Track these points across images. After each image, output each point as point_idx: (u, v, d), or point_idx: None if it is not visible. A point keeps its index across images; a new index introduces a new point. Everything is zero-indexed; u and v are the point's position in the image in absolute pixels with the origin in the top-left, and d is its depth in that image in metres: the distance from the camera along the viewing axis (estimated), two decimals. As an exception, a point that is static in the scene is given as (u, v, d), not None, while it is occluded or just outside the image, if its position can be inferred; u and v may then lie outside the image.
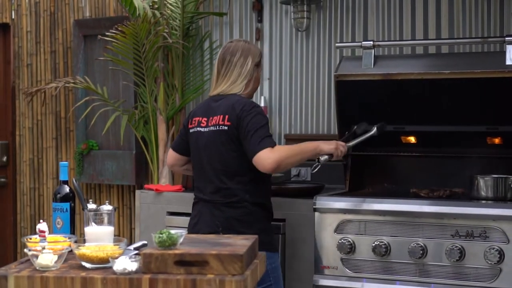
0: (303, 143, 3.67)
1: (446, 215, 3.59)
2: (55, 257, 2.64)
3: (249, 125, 3.47)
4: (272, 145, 3.45)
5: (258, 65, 3.73)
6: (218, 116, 3.59)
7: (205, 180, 3.64)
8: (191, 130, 3.72)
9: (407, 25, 4.65)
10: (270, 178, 3.68)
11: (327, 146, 3.67)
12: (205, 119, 3.65)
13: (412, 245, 3.61)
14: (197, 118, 3.70)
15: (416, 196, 3.89)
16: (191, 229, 3.63)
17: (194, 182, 3.79)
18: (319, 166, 3.71)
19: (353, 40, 4.77)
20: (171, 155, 3.90)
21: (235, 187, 3.55)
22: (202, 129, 3.65)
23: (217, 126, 3.58)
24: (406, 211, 3.66)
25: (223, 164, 3.57)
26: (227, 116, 3.55)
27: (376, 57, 4.06)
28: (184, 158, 3.84)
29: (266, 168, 3.42)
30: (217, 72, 3.71)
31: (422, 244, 3.60)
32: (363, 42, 4.09)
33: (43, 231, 2.78)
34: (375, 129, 3.97)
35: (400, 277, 3.66)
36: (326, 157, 3.64)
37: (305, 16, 4.85)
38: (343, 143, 3.78)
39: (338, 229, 3.79)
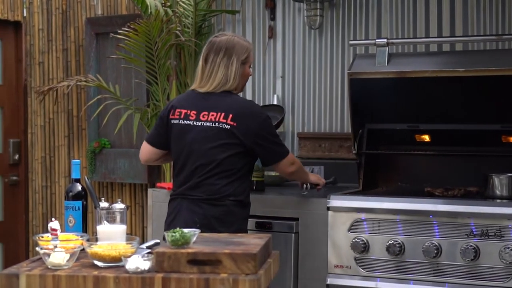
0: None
1: (461, 214, 3.55)
2: (67, 256, 2.62)
3: (269, 136, 3.58)
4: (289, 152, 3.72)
5: (244, 62, 3.61)
6: (218, 113, 3.50)
7: (186, 175, 3.55)
8: (173, 121, 3.59)
9: (421, 23, 4.62)
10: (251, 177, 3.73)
11: (313, 177, 4.02)
12: (195, 112, 3.55)
13: (426, 244, 3.58)
14: (182, 110, 3.58)
15: (430, 195, 3.86)
16: (167, 227, 3.53)
17: (174, 176, 3.66)
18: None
19: (366, 38, 4.74)
20: (146, 149, 3.72)
21: (219, 184, 3.49)
22: (191, 122, 3.54)
23: (216, 123, 3.49)
24: (420, 210, 3.63)
25: (211, 160, 3.49)
26: (230, 115, 3.48)
27: (390, 55, 4.03)
28: (159, 152, 3.70)
29: (289, 171, 3.72)
30: (201, 69, 3.60)
31: (437, 243, 3.57)
32: (377, 40, 4.06)
33: (55, 230, 2.77)
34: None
35: (414, 276, 3.64)
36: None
37: (318, 13, 4.83)
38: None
39: (352, 228, 3.76)
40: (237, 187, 3.51)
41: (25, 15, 5.89)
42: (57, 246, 2.67)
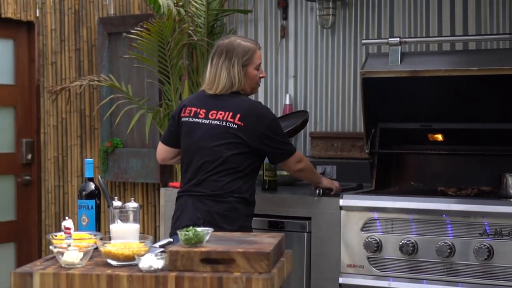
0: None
1: (474, 214, 3.54)
2: (81, 255, 2.63)
3: (271, 132, 3.59)
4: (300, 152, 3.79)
5: (246, 64, 3.64)
6: (226, 113, 3.55)
7: (192, 172, 3.60)
8: (183, 119, 3.66)
9: (434, 22, 4.61)
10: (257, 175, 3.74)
11: (326, 181, 3.99)
12: (204, 110, 3.61)
13: (439, 243, 3.57)
14: (193, 109, 3.65)
15: (443, 194, 3.84)
16: (173, 224, 3.61)
17: (182, 173, 3.72)
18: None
19: (379, 37, 4.73)
20: (162, 149, 3.81)
21: (223, 180, 3.51)
22: (200, 120, 3.60)
23: (224, 122, 3.54)
24: (433, 210, 3.61)
25: (217, 157, 3.52)
26: (238, 115, 3.53)
27: (403, 54, 4.02)
28: (174, 151, 3.77)
29: (297, 168, 3.75)
30: (208, 71, 3.67)
31: (450, 243, 3.56)
32: (389, 39, 4.05)
33: (69, 228, 2.78)
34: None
35: (427, 276, 3.62)
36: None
37: (331, 13, 4.82)
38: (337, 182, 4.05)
39: (365, 227, 3.75)
40: (241, 184, 3.55)
41: (38, 15, 5.90)
42: (71, 245, 2.67)
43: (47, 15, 5.91)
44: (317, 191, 3.96)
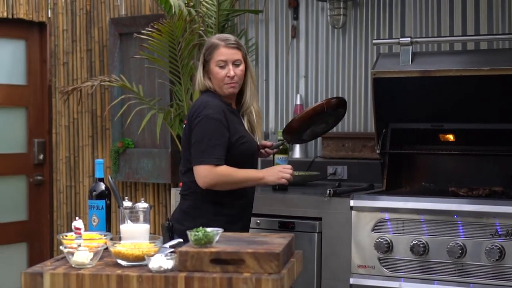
0: (250, 172, 3.51)
1: (486, 214, 3.52)
2: (91, 255, 2.63)
3: (193, 133, 3.44)
4: (214, 162, 3.36)
5: (208, 60, 3.53)
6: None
7: None
8: None
9: (445, 21, 4.59)
10: None
11: (271, 178, 3.52)
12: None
13: (451, 244, 3.55)
14: None
15: (455, 195, 3.83)
16: None
17: None
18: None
19: (390, 37, 4.72)
20: None
21: (189, 179, 3.49)
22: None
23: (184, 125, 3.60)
24: (444, 210, 3.60)
25: (185, 158, 3.53)
26: (187, 115, 3.56)
27: (414, 54, 4.00)
28: None
29: (200, 184, 3.39)
30: None
31: (461, 244, 3.54)
32: (400, 39, 4.03)
33: (79, 228, 2.78)
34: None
35: (438, 276, 3.61)
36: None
37: (342, 13, 4.82)
38: (288, 166, 3.62)
39: (376, 228, 3.74)
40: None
41: (49, 16, 5.92)
42: (81, 245, 2.68)
43: (59, 16, 5.92)
44: (328, 191, 3.95)
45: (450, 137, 4.15)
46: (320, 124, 4.02)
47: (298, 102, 4.95)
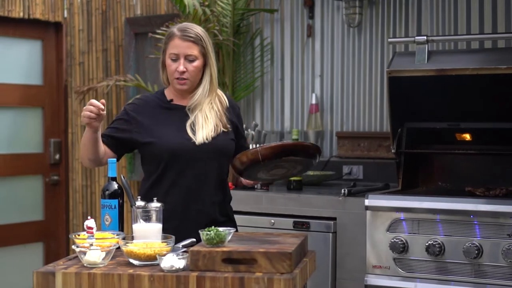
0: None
1: (503, 214, 3.48)
2: (103, 254, 2.63)
3: None
4: None
5: (164, 50, 3.29)
6: None
7: None
8: None
9: (462, 19, 4.55)
10: (164, 176, 3.20)
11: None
12: None
13: (467, 244, 3.52)
14: None
15: (471, 195, 3.79)
16: None
17: None
18: None
19: (406, 36, 4.69)
20: None
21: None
22: None
23: None
24: (461, 210, 3.56)
25: None
26: None
27: (430, 53, 3.97)
28: None
29: None
30: None
31: (478, 244, 3.50)
32: (416, 37, 4.00)
33: (91, 228, 2.77)
34: None
35: (454, 277, 3.57)
36: None
37: (357, 11, 4.79)
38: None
39: (391, 228, 3.71)
40: (143, 185, 3.33)
41: (65, 16, 5.93)
42: (93, 244, 2.67)
43: (74, 16, 5.93)
44: (343, 191, 3.92)
45: (467, 136, 4.11)
46: (275, 169, 3.27)
47: (314, 102, 4.93)
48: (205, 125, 3.22)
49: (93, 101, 3.08)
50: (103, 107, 3.07)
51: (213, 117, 3.25)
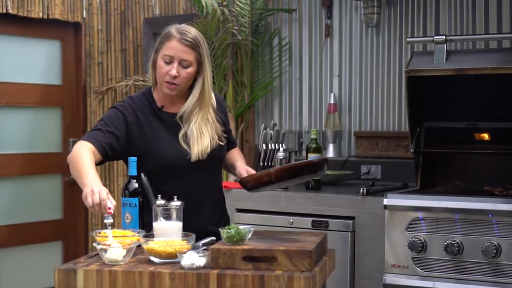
0: (84, 170, 2.91)
1: (521, 214, 3.48)
2: (124, 252, 2.65)
3: None
4: (83, 139, 3.05)
5: (157, 50, 3.13)
6: None
7: None
8: None
9: (480, 19, 4.54)
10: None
11: (85, 189, 2.82)
12: None
13: (485, 244, 3.52)
14: None
15: (489, 194, 3.79)
16: None
17: None
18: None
19: (424, 35, 4.68)
20: None
21: None
22: None
23: None
24: (479, 209, 3.56)
25: None
26: None
27: (448, 52, 3.96)
28: None
29: None
30: None
31: (496, 243, 3.50)
32: (435, 37, 4.00)
33: (110, 208, 2.76)
34: None
35: (472, 277, 3.57)
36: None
37: (376, 11, 4.79)
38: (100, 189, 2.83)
39: (409, 227, 3.71)
40: None
41: (84, 16, 5.97)
42: (112, 234, 2.69)
43: (93, 16, 5.97)
44: (361, 190, 3.93)
45: (485, 136, 4.10)
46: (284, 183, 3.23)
47: (332, 101, 4.94)
48: (200, 140, 3.12)
49: (106, 203, 2.80)
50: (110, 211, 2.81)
51: (209, 130, 3.16)
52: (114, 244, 2.66)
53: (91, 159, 2.97)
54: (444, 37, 3.96)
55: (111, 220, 2.70)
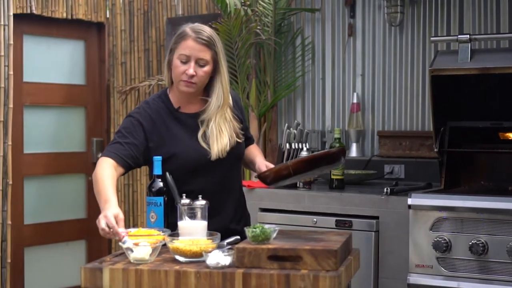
0: (104, 195, 2.92)
1: (547, 213, 3.46)
2: (150, 251, 2.66)
3: None
4: (105, 154, 3.10)
5: (173, 49, 3.14)
6: None
7: None
8: None
9: (505, 18, 4.52)
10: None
11: (101, 214, 2.82)
12: None
13: (510, 244, 3.50)
14: None
15: (514, 194, 3.77)
16: None
17: None
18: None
19: (448, 34, 4.66)
20: None
21: None
22: None
23: None
24: (504, 209, 3.54)
25: None
26: None
27: (473, 51, 3.95)
28: None
29: None
30: None
31: (522, 243, 3.49)
32: (459, 36, 3.98)
33: (122, 235, 2.74)
34: None
35: (498, 277, 3.55)
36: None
37: (399, 10, 4.78)
38: (116, 229, 2.75)
39: (434, 227, 3.70)
40: None
41: (108, 16, 5.99)
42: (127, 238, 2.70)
43: (117, 16, 5.99)
44: (385, 189, 3.92)
45: (510, 135, 4.09)
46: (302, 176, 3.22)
47: (355, 101, 4.93)
48: (219, 138, 3.12)
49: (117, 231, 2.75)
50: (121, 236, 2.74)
51: (227, 128, 3.16)
52: (142, 243, 2.67)
53: (112, 178, 2.99)
54: (468, 36, 3.95)
55: (126, 245, 2.68)
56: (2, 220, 5.26)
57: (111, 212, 2.78)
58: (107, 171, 3.01)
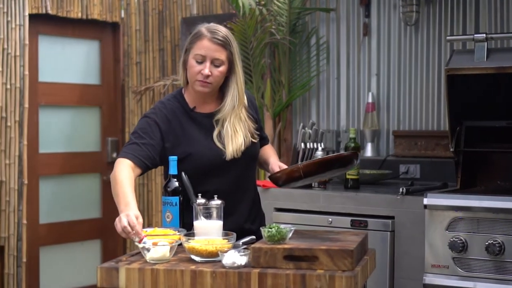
0: (123, 197, 2.93)
1: None
2: (168, 250, 2.66)
3: None
4: (122, 156, 3.07)
5: (188, 49, 3.14)
6: None
7: None
8: None
9: (521, 17, 4.51)
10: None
11: (121, 214, 2.82)
12: None
13: (527, 244, 3.48)
14: None
15: (531, 194, 3.75)
16: None
17: None
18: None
19: (464, 33, 4.64)
20: None
21: None
22: None
23: None
24: (521, 209, 3.53)
25: None
26: None
27: (489, 50, 3.92)
28: None
29: None
30: None
31: (538, 244, 3.47)
32: (475, 35, 3.96)
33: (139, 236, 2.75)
34: None
35: (514, 277, 3.54)
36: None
37: (414, 9, 4.76)
38: (137, 230, 2.75)
39: (450, 227, 3.68)
40: None
41: (122, 16, 6.01)
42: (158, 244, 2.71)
43: (131, 16, 6.01)
44: (401, 189, 3.91)
45: (527, 135, 4.06)
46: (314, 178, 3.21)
47: (370, 100, 4.92)
48: (234, 138, 3.12)
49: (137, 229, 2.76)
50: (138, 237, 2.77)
51: (242, 128, 3.16)
52: (161, 242, 2.67)
53: (130, 180, 3.00)
54: (484, 35, 3.92)
55: (146, 245, 2.69)
56: (18, 219, 5.28)
57: (132, 213, 2.79)
58: (125, 172, 3.01)
